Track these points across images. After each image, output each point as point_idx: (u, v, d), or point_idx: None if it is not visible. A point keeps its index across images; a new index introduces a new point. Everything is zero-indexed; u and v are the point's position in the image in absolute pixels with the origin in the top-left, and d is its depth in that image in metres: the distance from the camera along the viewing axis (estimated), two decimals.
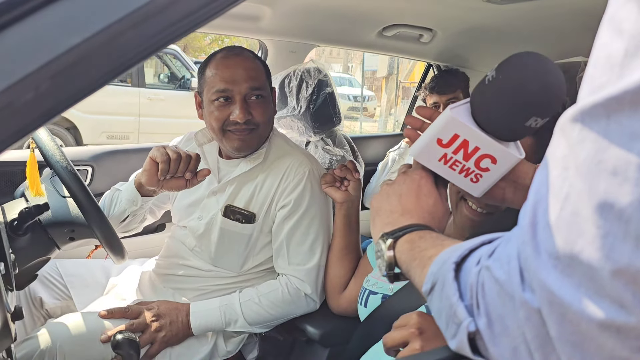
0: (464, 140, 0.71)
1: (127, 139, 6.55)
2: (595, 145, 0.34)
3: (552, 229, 0.37)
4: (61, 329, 1.21)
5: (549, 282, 0.37)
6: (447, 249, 0.55)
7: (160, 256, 1.53)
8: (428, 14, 2.00)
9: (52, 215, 1.19)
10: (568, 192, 0.36)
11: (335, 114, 2.07)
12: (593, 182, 0.34)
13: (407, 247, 0.65)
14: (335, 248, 1.37)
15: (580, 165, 0.35)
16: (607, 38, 0.35)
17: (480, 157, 0.72)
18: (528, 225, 0.39)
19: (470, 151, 0.71)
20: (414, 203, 0.73)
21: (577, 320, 0.36)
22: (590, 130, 0.34)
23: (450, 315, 0.48)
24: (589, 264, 0.34)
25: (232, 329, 1.34)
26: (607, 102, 0.33)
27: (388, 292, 1.11)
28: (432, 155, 0.73)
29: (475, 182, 0.74)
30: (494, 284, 0.43)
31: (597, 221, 0.34)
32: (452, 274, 0.49)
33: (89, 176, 1.84)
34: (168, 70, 7.32)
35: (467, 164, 0.73)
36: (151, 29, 0.41)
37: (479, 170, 0.73)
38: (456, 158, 0.72)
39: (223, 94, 1.31)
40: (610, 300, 0.34)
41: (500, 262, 0.43)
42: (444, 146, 0.72)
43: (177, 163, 1.20)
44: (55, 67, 0.36)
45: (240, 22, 1.91)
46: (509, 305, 0.41)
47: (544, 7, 1.68)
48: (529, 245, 0.39)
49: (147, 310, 1.30)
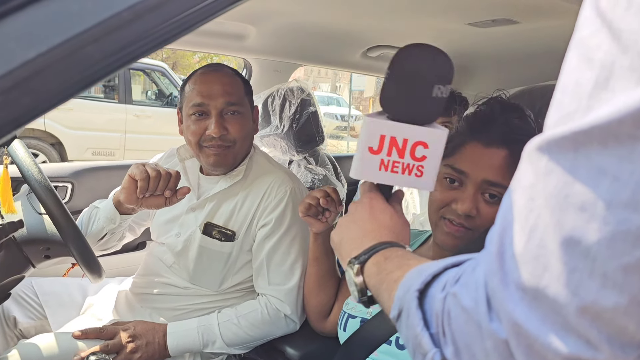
0: (391, 137, 0.72)
1: (113, 155, 6.51)
2: (563, 179, 0.34)
3: (518, 260, 0.36)
4: (33, 350, 1.17)
5: (516, 314, 0.36)
6: (411, 271, 0.54)
7: (138, 274, 1.51)
8: (412, 36, 2.03)
9: (27, 233, 1.17)
10: (535, 224, 0.35)
11: (318, 133, 2.08)
12: (560, 216, 0.34)
13: (374, 270, 0.64)
14: (315, 276, 1.33)
15: (548, 197, 0.34)
16: (575, 64, 0.35)
17: (413, 147, 0.73)
18: (495, 254, 0.39)
19: (401, 146, 0.73)
20: (371, 223, 0.73)
21: (544, 353, 0.35)
22: (558, 163, 0.34)
23: (416, 345, 0.47)
24: (554, 299, 0.34)
25: (210, 350, 1.32)
26: (575, 136, 0.33)
27: (366, 315, 1.10)
28: (371, 168, 0.74)
29: (420, 175, 0.74)
30: (460, 311, 0.42)
31: (563, 257, 0.33)
32: (415, 303, 0.48)
33: (68, 193, 1.82)
34: (155, 87, 7.32)
35: (405, 160, 0.73)
36: (114, 44, 0.41)
37: (418, 162, 0.74)
38: (393, 159, 0.73)
39: (199, 108, 1.32)
40: (576, 335, 0.34)
41: (467, 289, 0.42)
42: (376, 152, 0.73)
43: (156, 181, 1.19)
44: (8, 81, 0.36)
45: (225, 41, 1.92)
46: (476, 334, 0.40)
47: (526, 30, 1.71)
48: (496, 275, 0.38)
49: (123, 330, 1.27)
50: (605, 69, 0.32)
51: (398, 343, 1.00)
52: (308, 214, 1.23)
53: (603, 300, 0.32)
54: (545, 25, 1.64)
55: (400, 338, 1.00)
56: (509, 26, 1.67)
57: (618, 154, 0.31)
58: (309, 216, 1.24)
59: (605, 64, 0.32)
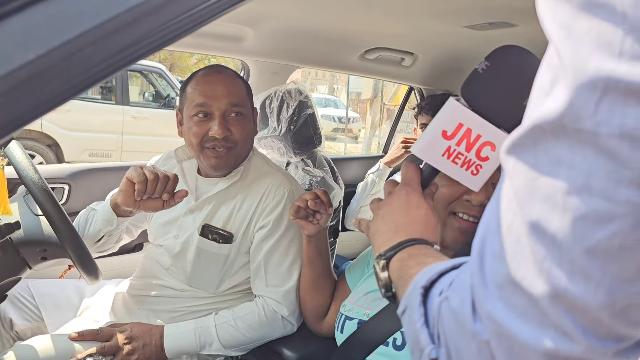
0: (467, 129, 0.72)
1: (110, 156, 6.49)
2: (528, 175, 0.36)
3: (497, 258, 0.38)
4: (29, 351, 1.17)
5: (495, 313, 0.37)
6: (424, 270, 0.55)
7: (135, 276, 1.51)
8: (409, 38, 2.04)
9: (24, 234, 1.17)
10: (511, 222, 0.37)
11: (315, 135, 2.08)
12: (528, 210, 0.36)
13: (397, 266, 0.65)
14: (310, 278, 1.33)
15: (518, 194, 0.37)
16: (541, 72, 0.37)
17: (482, 146, 0.73)
18: (476, 256, 0.40)
19: (473, 140, 0.73)
20: (405, 217, 0.74)
21: (523, 352, 0.36)
22: (522, 161, 0.36)
23: (415, 341, 0.48)
24: (529, 291, 0.35)
25: (207, 352, 1.32)
26: (532, 131, 0.35)
27: (364, 317, 1.10)
28: (436, 150, 0.74)
29: (476, 174, 0.76)
30: (450, 314, 0.44)
31: (533, 247, 0.35)
32: (419, 299, 0.49)
33: (65, 194, 1.82)
34: (153, 89, 7.31)
35: (469, 155, 0.74)
36: (113, 46, 0.41)
37: (480, 161, 0.75)
38: (459, 150, 0.74)
39: (202, 108, 1.32)
40: (554, 329, 0.35)
41: (457, 291, 0.44)
42: (448, 138, 0.73)
43: (154, 184, 1.18)
44: (7, 82, 0.36)
45: (223, 43, 1.92)
46: (463, 336, 0.42)
47: (523, 33, 1.72)
48: (476, 276, 0.40)
49: (120, 332, 1.27)
50: (557, 69, 0.34)
51: (395, 344, 1.00)
52: (298, 216, 1.23)
53: (573, 287, 0.34)
54: (536, 29, 1.65)
55: (397, 340, 1.01)
56: (506, 29, 1.68)
57: (568, 143, 0.33)
58: (299, 218, 1.24)
59: (557, 66, 0.34)
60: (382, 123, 13.34)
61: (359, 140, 14.91)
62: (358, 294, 1.18)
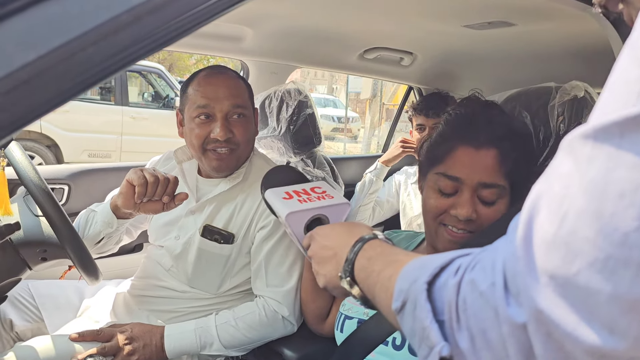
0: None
1: (109, 157, 6.49)
2: (605, 165, 0.34)
3: (548, 246, 0.36)
4: (29, 352, 1.17)
5: (539, 301, 0.36)
6: (411, 264, 0.54)
7: (136, 277, 1.51)
8: (408, 38, 2.04)
9: (24, 235, 1.17)
10: (567, 210, 0.35)
11: (315, 134, 2.08)
12: (598, 203, 0.33)
13: (363, 275, 0.65)
14: (313, 281, 1.31)
15: (587, 184, 0.34)
16: (626, 65, 0.35)
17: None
18: (521, 240, 0.38)
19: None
20: (332, 240, 0.77)
21: (562, 341, 0.35)
22: (602, 149, 0.34)
23: (423, 338, 0.47)
24: (586, 286, 0.33)
25: (208, 352, 1.32)
26: (623, 122, 0.33)
27: (363, 316, 1.10)
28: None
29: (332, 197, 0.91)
30: (477, 297, 0.42)
31: (599, 243, 0.33)
32: (424, 295, 0.48)
33: (65, 195, 1.82)
34: (152, 89, 7.31)
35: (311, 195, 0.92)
36: (113, 46, 0.41)
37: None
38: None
39: (204, 110, 1.31)
40: (600, 325, 0.33)
41: (485, 274, 0.42)
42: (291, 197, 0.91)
43: (154, 186, 1.18)
44: (8, 83, 0.36)
45: (222, 43, 1.92)
46: (493, 319, 0.40)
47: (522, 32, 1.72)
48: (521, 260, 0.38)
49: (120, 333, 1.27)
50: None
51: (395, 344, 1.01)
52: None
53: (636, 290, 0.32)
54: (541, 27, 1.65)
55: (396, 339, 1.01)
56: (505, 28, 1.68)
57: None
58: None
59: None
60: (382, 123, 13.35)
61: (358, 140, 14.91)
62: None
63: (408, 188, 2.41)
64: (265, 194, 0.95)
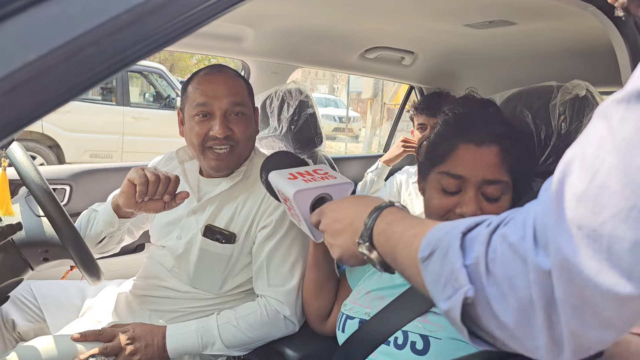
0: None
1: (111, 157, 6.50)
2: (637, 125, 0.37)
3: (578, 200, 0.39)
4: (31, 352, 1.17)
5: (566, 249, 0.39)
6: (444, 224, 0.58)
7: (138, 277, 1.51)
8: (409, 37, 2.04)
9: (25, 235, 1.17)
10: (598, 167, 0.38)
11: (316, 134, 2.08)
12: (628, 159, 0.37)
13: (382, 238, 0.68)
14: (315, 281, 1.33)
15: (619, 142, 0.37)
16: None
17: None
18: (553, 196, 0.42)
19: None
20: (348, 206, 0.79)
21: (582, 286, 0.38)
22: (634, 111, 0.37)
23: (450, 279, 0.51)
24: (610, 234, 0.37)
25: (210, 352, 1.32)
26: None
27: (365, 316, 1.10)
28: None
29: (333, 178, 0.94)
30: (507, 248, 0.46)
31: (626, 194, 0.36)
32: (458, 242, 0.51)
33: (67, 195, 1.82)
34: (153, 89, 7.32)
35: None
36: (113, 46, 0.41)
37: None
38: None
39: (203, 108, 1.32)
40: (620, 271, 0.36)
41: (515, 229, 0.46)
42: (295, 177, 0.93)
43: (155, 185, 1.18)
44: (8, 83, 0.36)
45: (223, 43, 1.92)
46: (520, 267, 0.44)
47: (523, 31, 1.72)
48: (551, 214, 0.41)
49: (122, 333, 1.27)
50: None
51: (397, 343, 1.00)
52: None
53: None
54: (542, 26, 1.64)
55: (398, 339, 1.01)
56: (506, 27, 1.68)
57: None
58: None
59: None
60: (383, 122, 13.34)
61: (359, 139, 14.91)
62: (359, 293, 1.18)
63: (409, 187, 2.41)
64: (270, 175, 0.95)
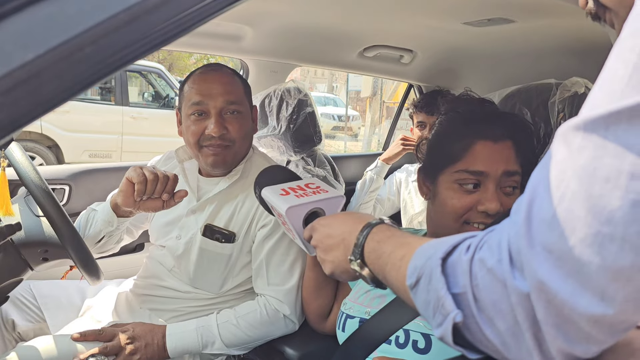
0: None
1: (110, 157, 6.50)
2: (593, 153, 0.39)
3: (547, 224, 0.41)
4: (31, 352, 1.17)
5: (540, 272, 0.41)
6: (424, 246, 0.59)
7: (138, 276, 1.51)
8: (408, 36, 2.03)
9: (25, 235, 1.17)
10: (564, 192, 0.40)
11: (315, 133, 2.07)
12: (588, 186, 0.39)
13: (373, 257, 0.69)
14: (315, 280, 1.33)
15: (578, 169, 0.40)
16: (613, 63, 0.40)
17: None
18: (523, 220, 0.43)
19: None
20: (340, 223, 0.79)
21: (561, 306, 0.40)
22: (590, 140, 0.39)
23: (438, 307, 0.52)
24: (579, 259, 0.39)
25: (210, 351, 1.32)
26: (608, 116, 0.38)
27: (365, 315, 1.10)
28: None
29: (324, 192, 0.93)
30: (486, 273, 0.47)
31: (589, 221, 0.38)
32: (439, 269, 0.52)
33: (66, 195, 1.82)
34: (152, 89, 7.31)
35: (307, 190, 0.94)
36: (112, 45, 0.41)
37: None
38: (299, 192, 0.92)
39: (198, 107, 1.32)
40: (592, 292, 0.38)
41: (492, 252, 0.47)
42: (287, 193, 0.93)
43: (154, 184, 1.18)
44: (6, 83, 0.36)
45: (222, 42, 1.92)
46: (501, 291, 0.45)
47: (522, 29, 1.72)
48: (523, 238, 0.43)
49: (122, 332, 1.27)
50: (637, 70, 0.38)
51: (398, 342, 1.00)
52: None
53: (621, 261, 0.37)
54: (541, 24, 1.64)
55: (399, 337, 1.01)
56: (505, 25, 1.68)
57: None
58: None
59: (637, 65, 0.38)
60: (382, 121, 13.35)
61: (358, 138, 14.91)
62: (358, 292, 1.18)
63: (409, 186, 2.41)
64: (262, 192, 0.97)
